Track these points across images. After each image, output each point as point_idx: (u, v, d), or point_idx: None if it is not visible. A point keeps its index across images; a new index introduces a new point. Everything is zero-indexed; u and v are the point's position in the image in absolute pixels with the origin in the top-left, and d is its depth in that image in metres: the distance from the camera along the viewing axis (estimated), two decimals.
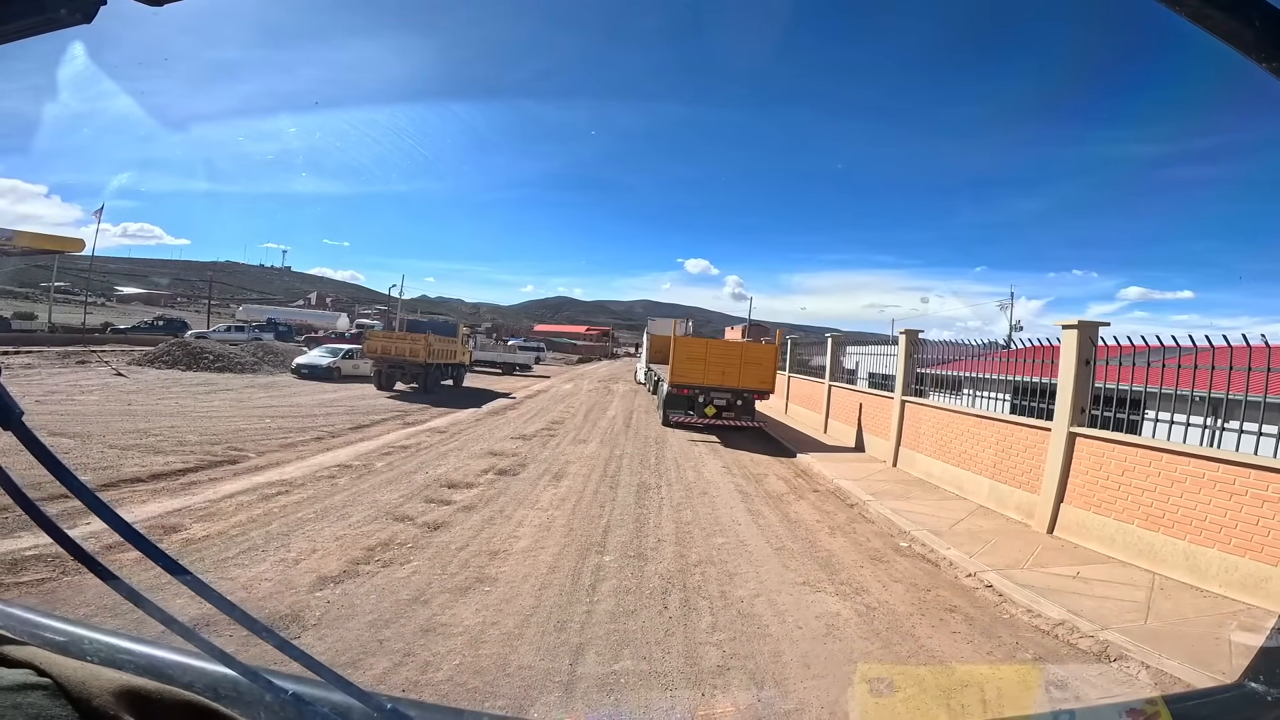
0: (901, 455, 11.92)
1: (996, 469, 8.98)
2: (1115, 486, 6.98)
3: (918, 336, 11.96)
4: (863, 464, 12.46)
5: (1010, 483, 8.66)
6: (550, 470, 10.60)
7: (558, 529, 7.38)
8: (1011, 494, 8.62)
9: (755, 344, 16.64)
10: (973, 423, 9.67)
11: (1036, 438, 8.14)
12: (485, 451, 12.03)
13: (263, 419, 14.32)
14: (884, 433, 12.82)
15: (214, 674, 0.70)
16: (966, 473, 9.72)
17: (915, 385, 11.88)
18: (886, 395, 12.82)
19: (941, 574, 6.73)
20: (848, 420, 15.11)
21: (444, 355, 23.60)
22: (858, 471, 11.65)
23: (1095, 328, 7.53)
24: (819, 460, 12.65)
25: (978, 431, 9.50)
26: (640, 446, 13.54)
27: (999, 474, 8.92)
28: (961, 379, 10.97)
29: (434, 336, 22.52)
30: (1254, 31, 0.54)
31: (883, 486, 10.48)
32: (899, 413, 11.90)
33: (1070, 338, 7.63)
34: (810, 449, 14.10)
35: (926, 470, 10.98)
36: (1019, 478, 8.47)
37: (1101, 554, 7.06)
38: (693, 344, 15.42)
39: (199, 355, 25.96)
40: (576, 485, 9.62)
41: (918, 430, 11.35)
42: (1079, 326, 7.53)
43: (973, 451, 9.60)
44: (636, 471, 10.94)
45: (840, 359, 16.51)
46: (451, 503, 8.25)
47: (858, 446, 14.16)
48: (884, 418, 12.85)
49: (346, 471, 9.69)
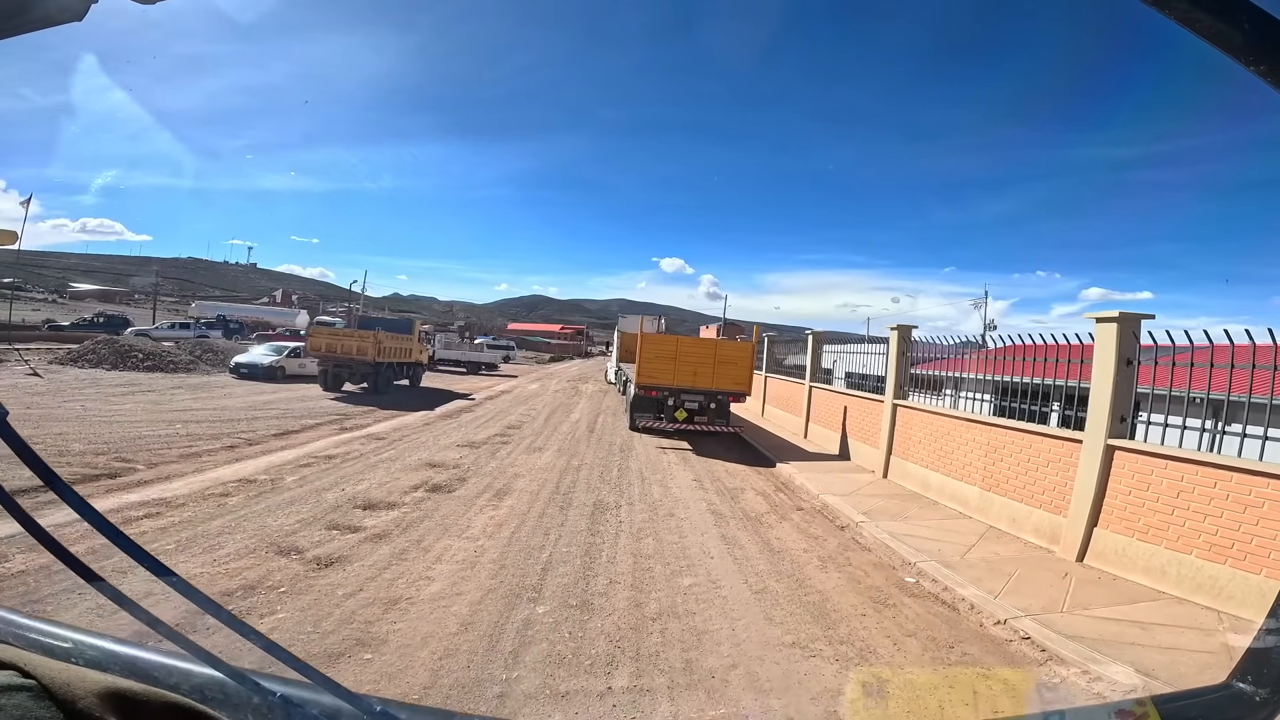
0: (893, 465, 10.65)
1: (1011, 485, 7.73)
2: (1168, 510, 5.73)
3: (910, 333, 10.70)
4: (849, 475, 11.16)
5: (1029, 501, 7.40)
6: (493, 486, 9.08)
7: (485, 566, 5.90)
8: (1030, 515, 7.36)
9: (730, 342, 15.24)
10: (980, 432, 8.41)
11: (1063, 450, 6.89)
12: (423, 462, 10.47)
13: (174, 424, 12.57)
14: (872, 439, 11.55)
15: (200, 676, 0.69)
16: (973, 488, 8.45)
17: (907, 387, 10.61)
18: (875, 398, 11.55)
19: (963, 621, 5.40)
20: (830, 425, 13.83)
21: (397, 354, 21.86)
22: (845, 484, 10.33)
23: (1138, 321, 6.28)
24: (801, 471, 11.32)
25: (987, 441, 8.24)
26: (603, 455, 12.06)
27: (1015, 491, 7.66)
28: (963, 381, 9.73)
29: (385, 334, 20.78)
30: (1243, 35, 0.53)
31: (875, 503, 9.17)
32: (890, 418, 10.63)
33: (1107, 333, 6.37)
34: (791, 457, 12.77)
35: (923, 483, 9.71)
36: (1040, 496, 7.22)
37: (1150, 588, 5.82)
38: (661, 341, 13.97)
39: (127, 354, 23.83)
40: (521, 505, 8.12)
41: (912, 438, 10.08)
42: (1119, 320, 6.27)
43: (981, 464, 8.34)
44: (594, 487, 9.47)
45: (821, 358, 15.22)
46: (360, 529, 6.73)
47: (842, 454, 12.89)
48: (872, 423, 11.58)
49: (246, 488, 8.09)
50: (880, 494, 9.81)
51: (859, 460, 12.13)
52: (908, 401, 10.43)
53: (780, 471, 11.59)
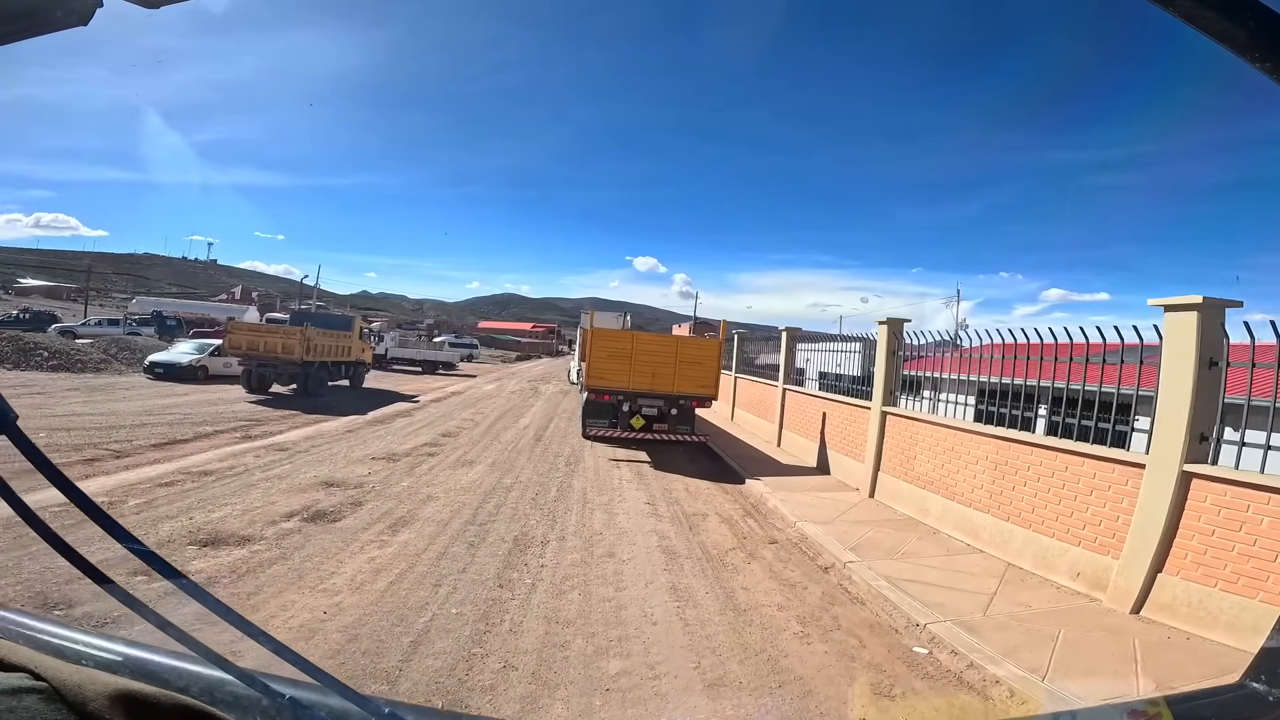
0: (882, 483, 9.08)
1: (1038, 515, 6.18)
2: (1271, 556, 4.19)
3: (902, 329, 9.13)
4: (831, 495, 9.56)
5: (1062, 536, 5.86)
6: (393, 514, 7.26)
7: (329, 637, 4.15)
8: (1064, 553, 5.81)
9: (694, 339, 13.52)
10: (996, 448, 6.85)
11: (1115, 476, 5.34)
12: (318, 481, 8.58)
13: (38, 434, 10.43)
14: (856, 452, 9.98)
15: (210, 678, 0.70)
16: (984, 516, 6.91)
17: (898, 392, 9.04)
18: (860, 405, 9.98)
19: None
20: (807, 433, 12.25)
21: (331, 352, 19.77)
22: (826, 507, 8.73)
23: (1223, 310, 4.73)
24: (775, 489, 9.68)
25: (1005, 460, 6.69)
26: (544, 471, 10.28)
27: (1042, 522, 6.12)
28: (962, 384, 8.20)
29: (315, 330, 18.70)
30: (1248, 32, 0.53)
31: (864, 533, 7.56)
32: (878, 427, 9.06)
33: (1184, 326, 4.80)
34: (763, 471, 11.14)
35: (920, 507, 8.14)
36: (1080, 531, 5.67)
37: (1238, 650, 4.31)
38: (614, 338, 12.21)
39: (30, 352, 21.44)
40: (418, 542, 6.32)
41: (907, 453, 8.51)
42: (1201, 308, 4.68)
43: (996, 487, 6.79)
44: (522, 514, 7.70)
45: (796, 358, 13.63)
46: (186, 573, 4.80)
47: (821, 467, 11.30)
48: (856, 433, 10.01)
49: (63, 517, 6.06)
50: (869, 519, 8.20)
51: (841, 475, 10.55)
52: (900, 409, 8.86)
53: (750, 490, 9.94)
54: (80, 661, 0.70)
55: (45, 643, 0.73)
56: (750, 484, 10.14)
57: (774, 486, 9.81)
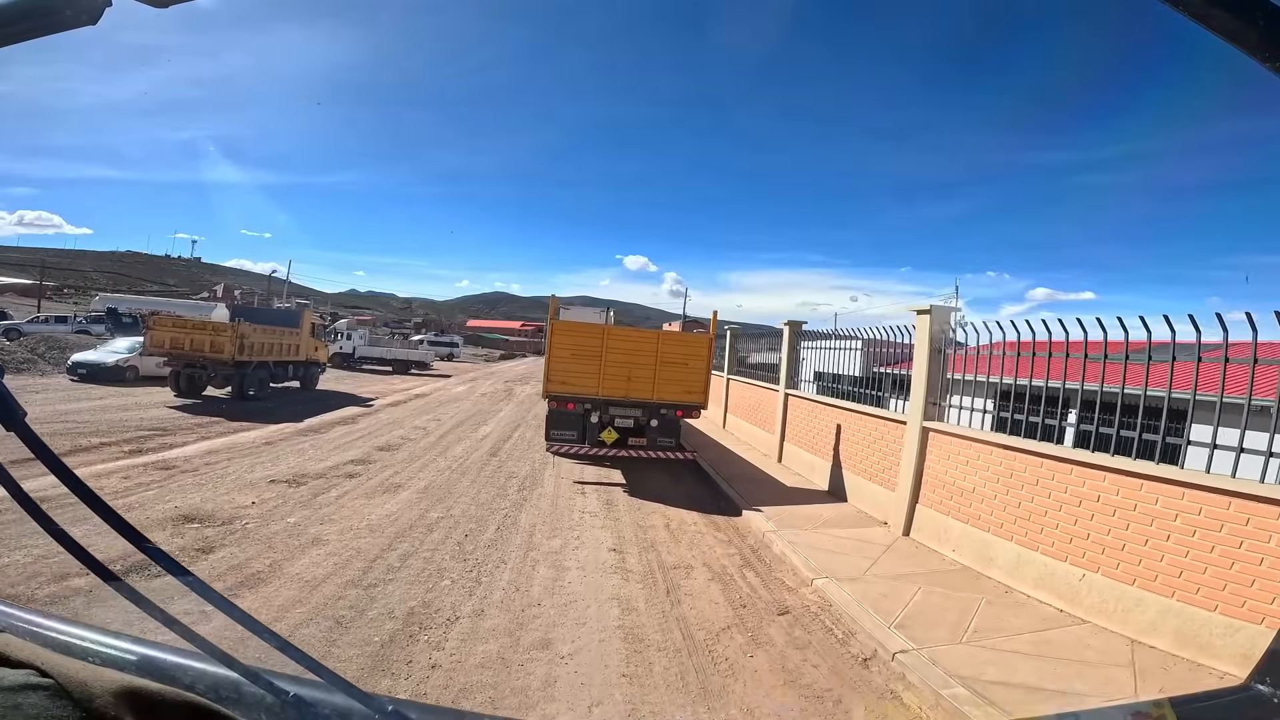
0: (921, 519, 7.04)
1: (1189, 580, 4.14)
2: None
3: (950, 319, 7.06)
4: (852, 531, 7.51)
5: (1234, 610, 3.83)
6: (249, 566, 5.19)
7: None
8: (1234, 631, 3.80)
9: (679, 334, 11.29)
10: (1118, 486, 4.80)
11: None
12: (178, 514, 6.52)
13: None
14: (883, 476, 7.93)
15: (215, 675, 0.69)
16: (1095, 576, 4.87)
17: (943, 402, 6.97)
18: (889, 418, 7.90)
19: None
20: (816, 448, 10.19)
21: (275, 351, 17.57)
22: (850, 552, 6.68)
23: None
24: (781, 524, 7.62)
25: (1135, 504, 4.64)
26: (488, 498, 8.16)
27: (1197, 590, 4.08)
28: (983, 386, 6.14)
29: (251, 326, 16.47)
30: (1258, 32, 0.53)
31: (908, 593, 5.51)
32: (916, 448, 7.00)
33: None
34: (764, 497, 9.07)
35: (982, 553, 6.12)
36: (1266, 605, 3.63)
37: None
38: (580, 332, 9.87)
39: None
40: (264, 614, 4.14)
41: (960, 483, 6.48)
42: None
43: (1116, 539, 4.76)
44: (436, 569, 5.60)
45: (800, 358, 11.53)
46: None
47: (834, 492, 9.25)
48: (884, 453, 7.95)
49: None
50: (912, 572, 6.15)
51: (862, 504, 8.49)
52: (950, 425, 6.79)
53: (750, 525, 7.85)
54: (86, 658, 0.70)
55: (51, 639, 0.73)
56: (749, 516, 8.05)
57: (779, 521, 7.73)
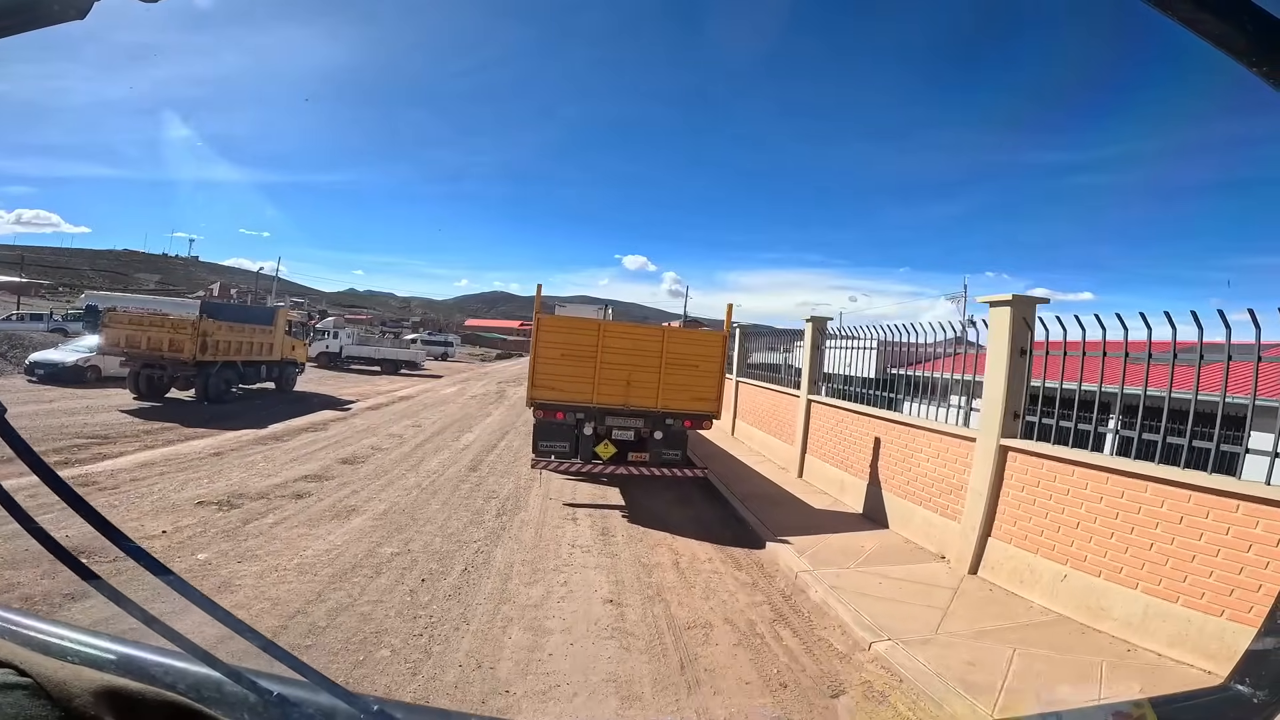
0: (996, 555, 5.65)
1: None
2: None
3: (1033, 310, 5.64)
4: (905, 569, 6.11)
5: None
6: (117, 626, 3.69)
7: None
8: None
9: (688, 332, 9.73)
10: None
11: None
12: (71, 546, 4.99)
13: None
14: (940, 502, 6.55)
15: (197, 674, 0.69)
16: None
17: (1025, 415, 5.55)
18: (953, 434, 6.45)
19: None
20: (845, 462, 8.80)
21: (244, 350, 16.19)
22: (909, 599, 5.30)
23: None
24: (816, 561, 6.24)
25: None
26: (459, 526, 6.77)
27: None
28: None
29: (216, 324, 15.09)
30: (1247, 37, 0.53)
31: (999, 659, 4.11)
32: (992, 471, 5.60)
33: None
34: (789, 521, 7.68)
35: (1089, 602, 4.77)
36: None
37: None
38: (572, 329, 8.33)
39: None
40: None
41: (1064, 517, 5.06)
42: None
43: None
44: (375, 631, 4.21)
45: (824, 359, 10.11)
46: None
47: (872, 516, 7.86)
48: (944, 474, 6.53)
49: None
50: (997, 627, 4.76)
51: (908, 530, 7.10)
52: (1039, 444, 5.37)
53: (777, 561, 6.45)
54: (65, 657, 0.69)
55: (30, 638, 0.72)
56: (775, 550, 6.65)
57: (814, 555, 6.34)
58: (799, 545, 6.66)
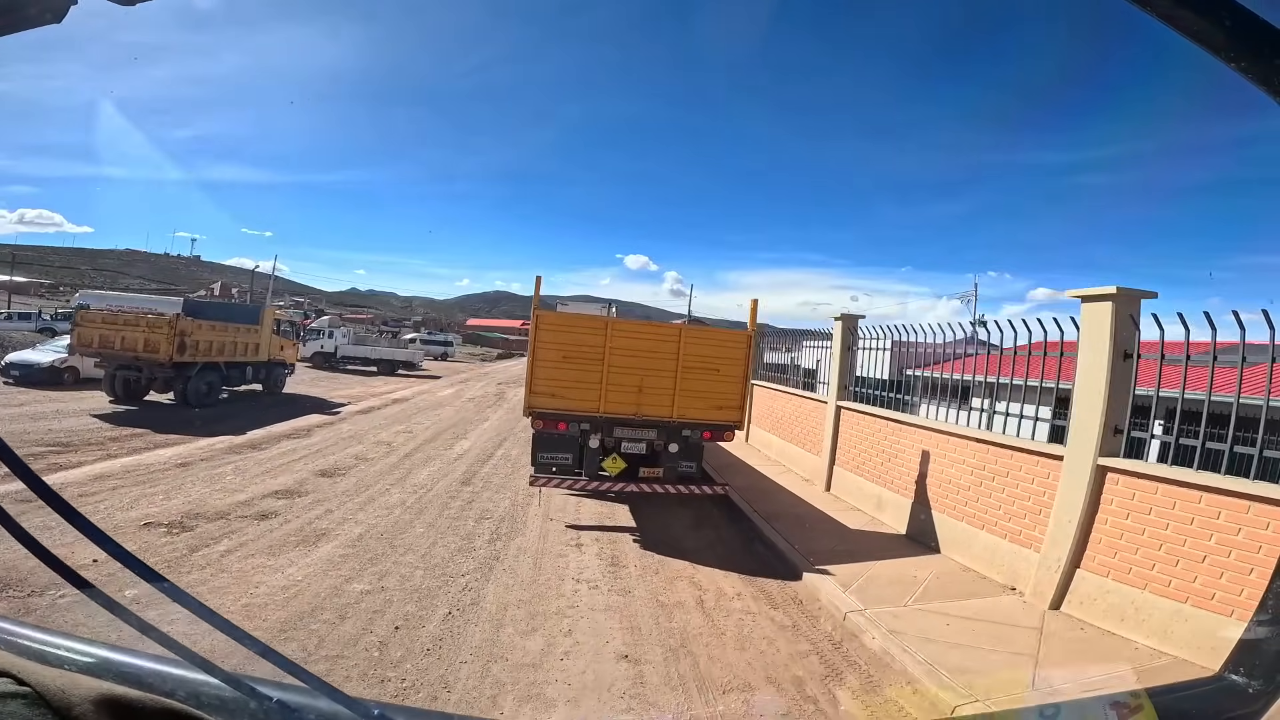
0: (1086, 588, 4.71)
1: None
2: None
3: (1137, 306, 4.63)
4: (970, 605, 5.17)
5: None
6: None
7: None
8: None
9: (708, 330, 8.46)
10: None
11: None
12: None
13: None
14: (1008, 527, 5.61)
15: (195, 682, 0.68)
16: None
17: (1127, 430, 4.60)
18: (1033, 451, 5.48)
19: None
20: (883, 477, 7.85)
21: (227, 350, 15.29)
22: (988, 644, 4.36)
23: None
24: (865, 595, 5.30)
25: None
26: (447, 553, 5.83)
27: None
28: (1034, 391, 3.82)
29: (195, 323, 14.20)
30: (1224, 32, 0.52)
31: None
32: (1086, 495, 4.65)
33: None
34: (822, 545, 6.74)
35: (1223, 640, 3.74)
36: None
37: None
38: (576, 327, 7.21)
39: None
40: None
41: (1187, 550, 4.10)
42: None
43: None
44: None
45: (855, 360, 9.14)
46: None
47: (918, 537, 6.92)
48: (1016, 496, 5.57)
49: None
50: (1111, 672, 3.82)
51: (966, 556, 6.16)
52: (1151, 466, 4.41)
53: (819, 595, 5.50)
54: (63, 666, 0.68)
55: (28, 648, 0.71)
56: (814, 581, 5.69)
57: (862, 590, 5.38)
58: (841, 576, 5.72)
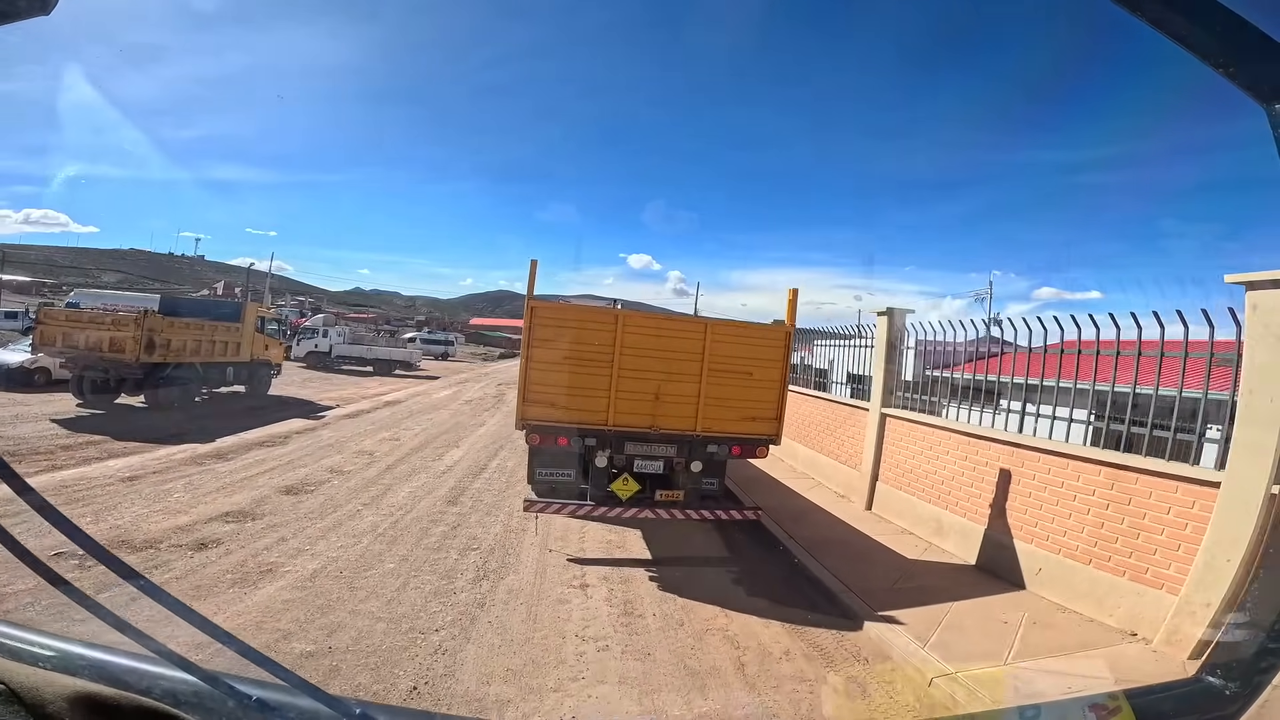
0: None
1: None
2: None
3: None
4: (1090, 659, 3.96)
5: None
6: None
7: None
8: None
9: (739, 326, 6.49)
10: None
11: None
12: None
13: None
14: (1128, 564, 4.45)
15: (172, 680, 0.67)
16: None
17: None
18: (1169, 475, 4.31)
19: None
20: (943, 497, 6.69)
21: (203, 350, 14.21)
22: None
23: None
24: (949, 652, 4.15)
25: None
26: (420, 598, 4.68)
27: None
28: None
29: (163, 320, 13.10)
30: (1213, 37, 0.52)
31: None
32: (1257, 527, 3.50)
33: None
34: (879, 581, 5.57)
35: None
36: None
37: None
38: (583, 320, 6.01)
39: None
40: None
41: None
42: None
43: None
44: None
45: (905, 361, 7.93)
46: None
47: (991, 568, 5.77)
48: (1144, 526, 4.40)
49: None
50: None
51: (1053, 590, 5.02)
52: None
53: (889, 653, 4.34)
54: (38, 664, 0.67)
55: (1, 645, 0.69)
56: (882, 635, 4.53)
57: (944, 644, 4.22)
58: (913, 623, 4.56)
